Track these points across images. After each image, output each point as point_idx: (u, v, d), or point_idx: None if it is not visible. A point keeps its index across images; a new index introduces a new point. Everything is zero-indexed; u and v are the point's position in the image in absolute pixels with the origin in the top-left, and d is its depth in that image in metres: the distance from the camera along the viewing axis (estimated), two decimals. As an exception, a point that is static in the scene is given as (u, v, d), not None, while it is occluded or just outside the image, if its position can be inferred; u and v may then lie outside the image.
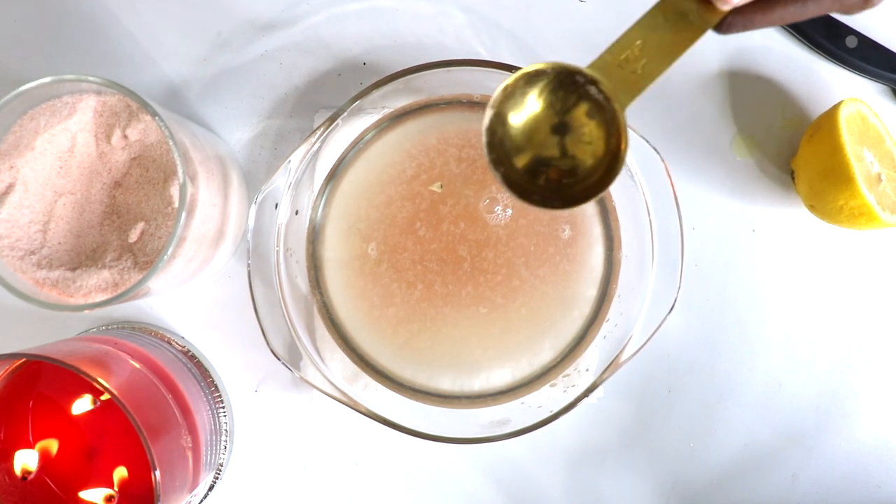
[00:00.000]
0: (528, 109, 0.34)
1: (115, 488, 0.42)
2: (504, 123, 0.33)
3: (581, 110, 0.33)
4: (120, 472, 0.42)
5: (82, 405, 0.42)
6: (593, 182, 0.33)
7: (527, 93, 0.33)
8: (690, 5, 0.32)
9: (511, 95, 0.33)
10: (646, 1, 0.32)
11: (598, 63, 0.33)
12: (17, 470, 0.41)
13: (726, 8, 0.31)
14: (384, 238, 0.46)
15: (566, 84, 0.33)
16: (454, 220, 0.46)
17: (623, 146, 0.33)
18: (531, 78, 0.33)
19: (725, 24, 0.31)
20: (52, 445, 0.42)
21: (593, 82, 0.33)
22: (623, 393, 0.50)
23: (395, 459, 0.50)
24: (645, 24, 0.32)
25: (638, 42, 0.32)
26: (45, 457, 0.42)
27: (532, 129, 0.34)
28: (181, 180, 0.39)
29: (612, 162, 0.33)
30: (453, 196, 0.46)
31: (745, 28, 0.31)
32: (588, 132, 0.33)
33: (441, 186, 0.45)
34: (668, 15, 0.32)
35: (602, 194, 0.34)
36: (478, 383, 0.46)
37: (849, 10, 0.29)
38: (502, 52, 0.50)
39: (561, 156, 0.34)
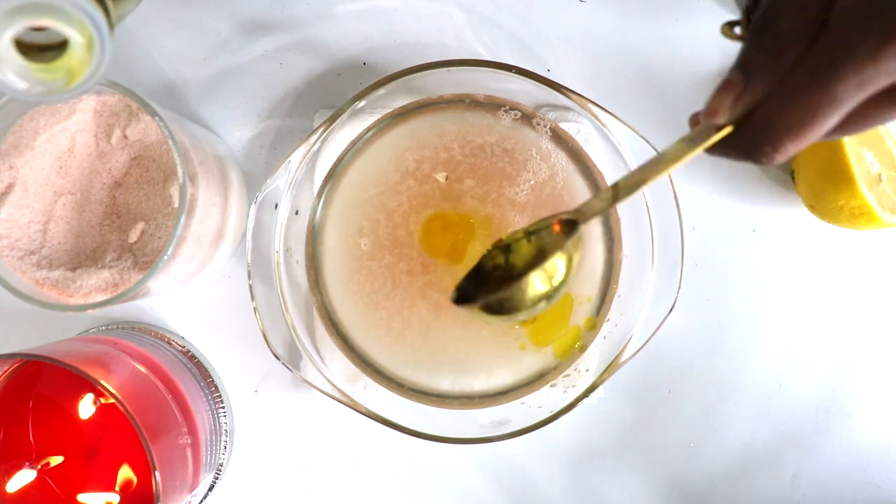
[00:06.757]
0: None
1: (116, 489, 0.42)
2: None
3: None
4: (120, 473, 0.42)
5: (82, 405, 0.42)
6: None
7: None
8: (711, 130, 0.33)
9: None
10: (646, 0, 0.32)
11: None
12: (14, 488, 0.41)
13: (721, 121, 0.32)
14: (384, 238, 0.46)
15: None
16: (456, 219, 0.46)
17: (576, 259, 0.37)
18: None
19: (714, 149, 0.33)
20: (52, 446, 0.42)
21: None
22: (623, 393, 0.50)
23: (395, 459, 0.50)
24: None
25: None
26: (44, 457, 0.42)
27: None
28: (181, 180, 0.39)
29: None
30: (455, 195, 0.46)
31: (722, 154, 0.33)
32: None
33: (446, 177, 0.45)
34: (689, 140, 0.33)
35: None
36: (478, 383, 0.46)
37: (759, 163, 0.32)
38: (502, 52, 0.50)
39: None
